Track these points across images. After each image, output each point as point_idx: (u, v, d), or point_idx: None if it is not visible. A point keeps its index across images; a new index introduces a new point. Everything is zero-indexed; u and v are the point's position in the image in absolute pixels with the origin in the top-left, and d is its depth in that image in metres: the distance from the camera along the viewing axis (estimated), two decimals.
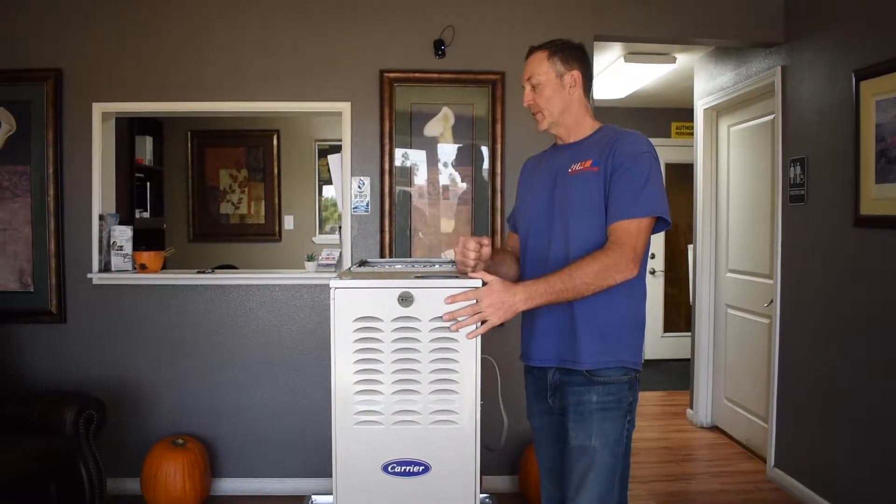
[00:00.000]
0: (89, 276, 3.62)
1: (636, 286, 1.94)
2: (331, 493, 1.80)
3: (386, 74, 3.69)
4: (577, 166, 1.94)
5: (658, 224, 1.91)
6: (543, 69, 1.98)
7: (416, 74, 3.70)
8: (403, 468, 1.76)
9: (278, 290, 3.74)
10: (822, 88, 3.47)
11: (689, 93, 5.11)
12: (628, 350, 1.92)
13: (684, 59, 4.84)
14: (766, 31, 3.83)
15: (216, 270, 3.91)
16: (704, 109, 4.80)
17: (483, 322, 1.72)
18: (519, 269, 2.13)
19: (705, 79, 4.80)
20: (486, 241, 1.91)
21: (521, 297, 1.72)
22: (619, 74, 4.99)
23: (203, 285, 3.71)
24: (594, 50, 3.79)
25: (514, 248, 2.19)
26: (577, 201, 1.91)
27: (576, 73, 2.00)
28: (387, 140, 3.69)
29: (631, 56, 4.65)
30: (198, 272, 3.73)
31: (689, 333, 5.11)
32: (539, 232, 2.00)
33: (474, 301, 1.71)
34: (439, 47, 3.68)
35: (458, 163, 3.77)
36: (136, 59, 3.67)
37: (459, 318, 1.72)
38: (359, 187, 3.72)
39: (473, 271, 1.87)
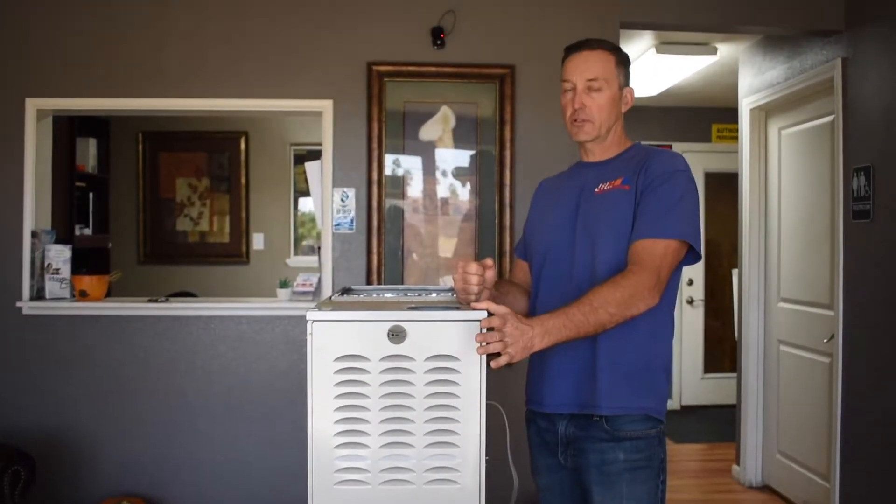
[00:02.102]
0: (19, 304, 3.62)
1: (665, 322, 1.97)
2: None
3: (375, 67, 3.71)
4: (606, 185, 1.99)
5: (686, 256, 1.93)
6: (611, 74, 2.02)
7: (411, 68, 3.72)
8: None
9: (245, 322, 3.73)
10: (890, 84, 3.49)
11: (733, 90, 5.14)
12: (653, 396, 1.94)
13: (727, 50, 4.88)
14: (823, 17, 3.86)
15: (171, 298, 3.90)
16: (751, 109, 4.83)
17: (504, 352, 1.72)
18: (528, 304, 2.14)
19: (752, 73, 4.83)
20: (489, 262, 1.93)
21: (538, 333, 1.72)
22: (649, 68, 5.02)
23: (155, 316, 3.70)
24: (620, 39, 3.83)
25: (522, 279, 2.21)
26: (605, 223, 1.95)
27: (632, 91, 2.09)
28: (375, 144, 3.71)
29: (664, 46, 4.68)
30: (149, 300, 3.73)
31: (735, 374, 5.09)
32: (558, 258, 2.02)
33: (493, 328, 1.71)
34: (438, 36, 3.71)
35: (460, 172, 3.79)
36: (79, 48, 3.70)
37: (484, 343, 1.71)
38: (342, 200, 3.73)
39: (477, 300, 1.87)
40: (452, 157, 3.79)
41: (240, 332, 3.73)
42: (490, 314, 1.73)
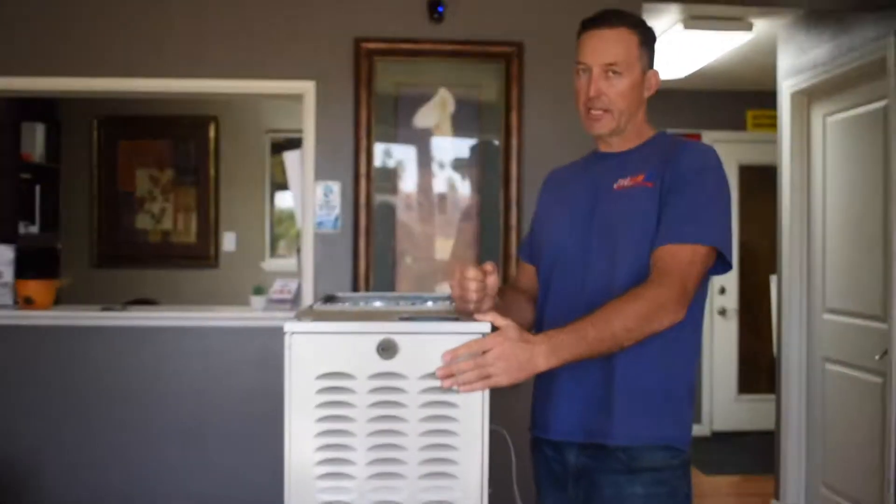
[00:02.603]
0: None
1: (690, 339, 1.96)
2: None
3: (363, 45, 3.72)
4: (626, 181, 1.98)
5: (716, 264, 1.93)
6: (633, 57, 2.00)
7: (404, 45, 3.73)
8: None
9: (214, 334, 3.73)
10: None
11: (771, 71, 5.15)
12: (677, 424, 1.94)
13: (764, 26, 4.89)
14: None
15: (129, 307, 3.90)
16: (792, 93, 4.84)
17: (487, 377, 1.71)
18: (534, 314, 2.14)
19: (793, 53, 4.84)
20: (490, 267, 1.91)
21: (543, 351, 1.71)
22: (676, 46, 5.03)
23: (111, 327, 3.70)
24: (643, 13, 3.84)
25: (529, 286, 2.21)
26: (625, 225, 1.94)
27: (657, 74, 2.07)
28: (363, 132, 3.71)
29: (693, 21, 4.68)
30: (103, 309, 3.73)
31: (773, 396, 5.10)
32: (570, 264, 2.01)
33: (479, 352, 1.70)
34: (435, 9, 3.71)
35: (460, 164, 3.79)
36: (24, 20, 3.70)
37: (457, 373, 1.71)
38: (325, 195, 3.73)
39: (478, 310, 1.87)
40: (451, 147, 3.79)
41: (207, 345, 3.73)
42: (494, 328, 1.73)
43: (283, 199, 6.34)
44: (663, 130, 2.12)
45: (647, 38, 2.05)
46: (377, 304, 2.23)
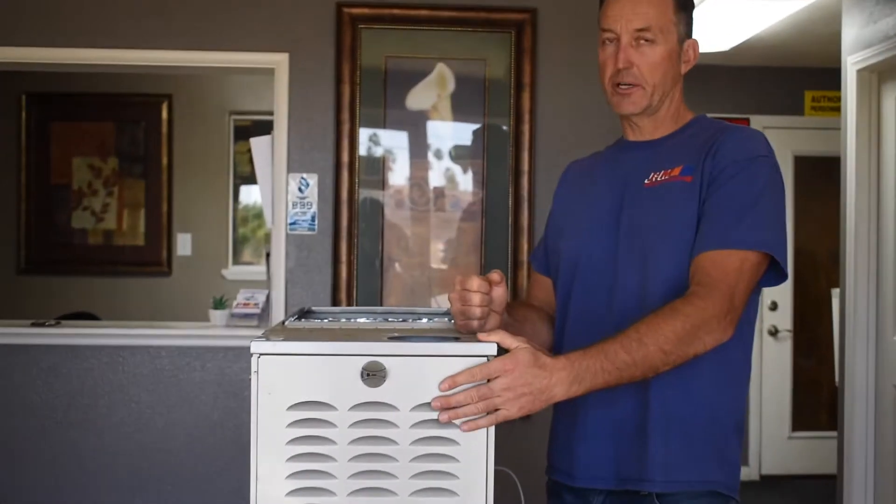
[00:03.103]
0: None
1: (739, 363, 1.96)
2: None
3: (346, 10, 3.73)
4: (659, 175, 1.98)
5: (767, 273, 1.92)
6: (668, 22, 2.00)
7: (395, 10, 3.74)
8: None
9: (165, 354, 3.74)
10: None
11: (834, 44, 5.16)
12: (724, 465, 1.94)
13: None
14: None
15: (63, 322, 3.90)
16: (858, 70, 4.85)
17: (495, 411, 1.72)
18: (552, 334, 2.14)
19: (859, 22, 4.85)
20: (496, 277, 1.91)
21: (562, 378, 1.71)
22: (719, 13, 5.04)
23: (41, 346, 3.70)
24: None
25: (544, 301, 2.21)
26: (659, 228, 1.94)
27: (696, 45, 2.07)
28: (346, 114, 3.72)
29: None
30: (33, 324, 3.73)
31: (835, 433, 5.10)
32: (593, 277, 2.01)
33: (484, 380, 1.70)
34: None
35: (461, 153, 3.80)
36: None
37: (457, 406, 1.71)
38: (299, 190, 3.74)
39: (483, 329, 1.88)
40: (451, 133, 3.80)
41: (158, 368, 3.73)
42: (502, 350, 1.73)
43: (250, 195, 6.35)
44: (703, 114, 2.12)
45: (684, 1, 2.05)
46: (361, 320, 2.23)
